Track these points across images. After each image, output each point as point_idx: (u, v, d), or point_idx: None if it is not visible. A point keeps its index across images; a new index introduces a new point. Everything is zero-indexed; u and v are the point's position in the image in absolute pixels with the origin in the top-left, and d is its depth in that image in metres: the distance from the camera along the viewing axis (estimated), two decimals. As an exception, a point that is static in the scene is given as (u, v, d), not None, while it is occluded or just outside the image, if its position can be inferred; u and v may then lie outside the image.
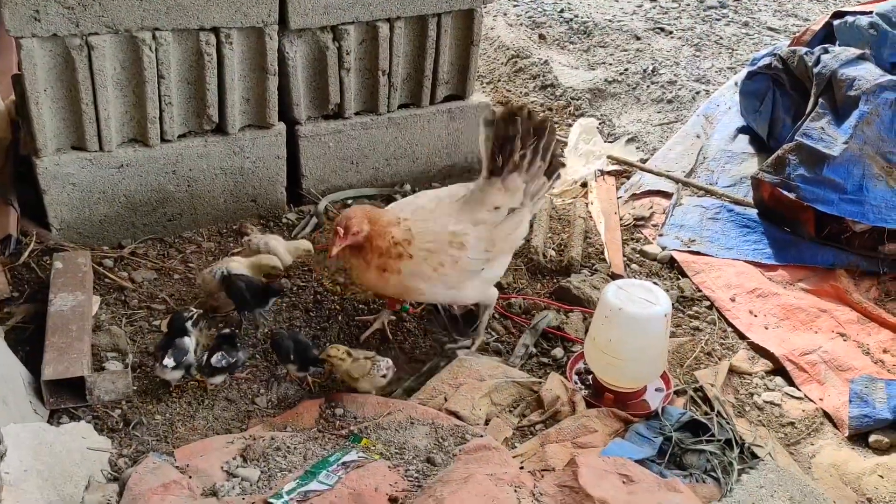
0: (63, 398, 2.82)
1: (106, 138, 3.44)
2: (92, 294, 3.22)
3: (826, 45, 4.01)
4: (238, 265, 3.26)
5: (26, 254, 3.38)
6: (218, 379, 2.96)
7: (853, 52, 3.85)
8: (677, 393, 3.17)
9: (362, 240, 2.94)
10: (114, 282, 3.40)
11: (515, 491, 2.41)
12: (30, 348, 3.05)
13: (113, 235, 3.65)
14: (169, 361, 2.86)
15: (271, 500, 2.36)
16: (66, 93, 3.33)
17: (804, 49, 4.03)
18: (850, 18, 4.11)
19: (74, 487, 2.45)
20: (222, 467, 2.55)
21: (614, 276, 3.72)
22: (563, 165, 3.39)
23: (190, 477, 2.49)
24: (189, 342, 2.95)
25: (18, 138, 3.94)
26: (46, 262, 3.37)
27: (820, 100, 3.82)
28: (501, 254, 3.23)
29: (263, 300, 3.25)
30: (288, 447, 2.65)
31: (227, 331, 3.07)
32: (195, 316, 3.01)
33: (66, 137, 3.43)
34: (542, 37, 5.96)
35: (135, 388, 2.95)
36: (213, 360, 2.91)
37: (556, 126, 3.25)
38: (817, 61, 3.88)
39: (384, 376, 2.95)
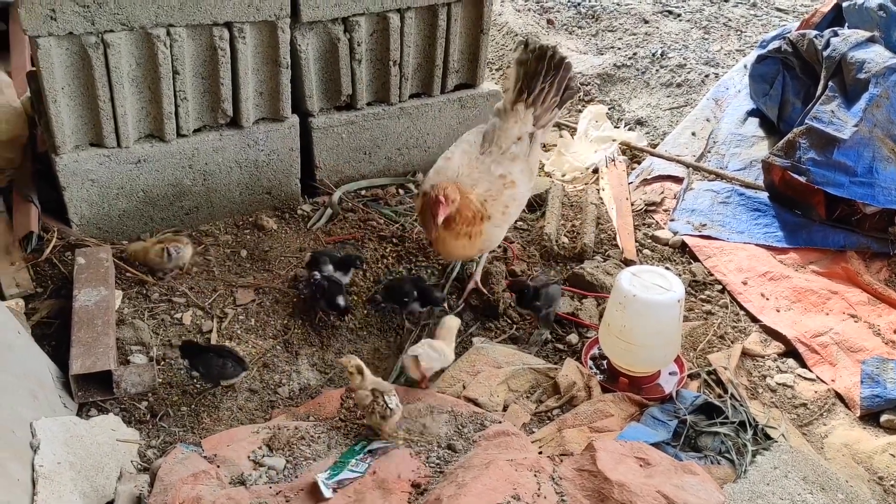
0: (91, 392, 2.89)
1: (123, 134, 3.49)
2: (114, 288, 3.28)
3: (835, 28, 4.02)
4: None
5: (48, 250, 3.44)
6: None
7: (862, 34, 3.86)
8: (691, 376, 3.22)
9: (454, 210, 3.13)
10: (134, 276, 3.46)
11: (535, 475, 2.47)
12: (55, 343, 3.12)
13: (132, 230, 3.70)
14: (317, 274, 3.33)
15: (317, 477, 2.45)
16: (83, 90, 3.38)
17: (814, 32, 4.04)
18: (858, 0, 4.11)
19: (106, 479, 2.52)
20: (249, 456, 2.62)
21: (627, 262, 3.76)
22: (572, 98, 3.67)
23: (218, 466, 2.55)
24: (340, 277, 3.35)
25: (35, 135, 3.99)
26: (68, 258, 3.43)
27: (830, 83, 3.83)
28: (534, 180, 3.52)
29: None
30: (312, 436, 2.71)
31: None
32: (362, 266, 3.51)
33: (83, 134, 3.48)
34: (550, 22, 5.96)
35: (160, 380, 3.02)
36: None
37: (572, 63, 3.60)
38: (827, 44, 3.89)
39: None
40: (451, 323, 3.12)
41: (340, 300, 3.28)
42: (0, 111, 4.00)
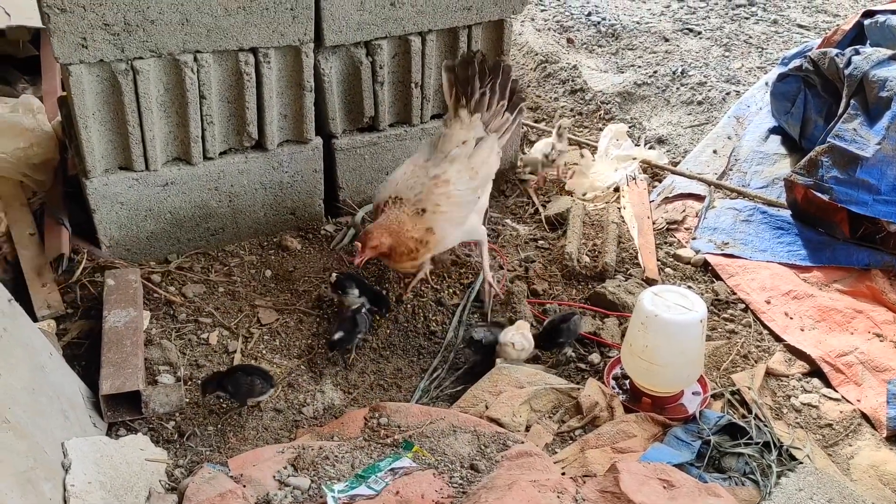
0: (120, 411, 2.95)
1: (151, 158, 3.56)
2: (142, 309, 3.34)
3: (857, 47, 4.01)
4: None
5: (79, 272, 3.50)
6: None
7: (885, 52, 3.84)
8: (714, 396, 3.21)
9: (386, 249, 3.26)
10: (161, 296, 3.52)
11: (558, 497, 2.47)
12: (85, 363, 3.19)
13: (159, 251, 3.77)
14: (354, 291, 3.44)
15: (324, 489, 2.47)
16: (113, 116, 3.45)
17: (835, 51, 4.03)
18: (880, 18, 4.11)
19: (135, 498, 2.55)
20: (274, 476, 2.64)
21: (649, 281, 3.76)
22: (524, 100, 3.74)
23: (244, 486, 2.58)
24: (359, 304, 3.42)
25: (66, 158, 4.08)
26: (98, 279, 3.50)
27: (852, 101, 3.82)
28: (486, 180, 3.55)
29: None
30: (336, 456, 2.74)
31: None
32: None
33: (113, 158, 3.55)
34: (570, 41, 6.00)
35: (187, 400, 3.07)
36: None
37: (512, 66, 3.75)
38: (848, 63, 3.88)
39: None
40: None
41: (337, 334, 3.29)
42: (32, 135, 4.10)
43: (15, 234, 3.67)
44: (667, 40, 5.87)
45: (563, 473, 2.75)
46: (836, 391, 3.30)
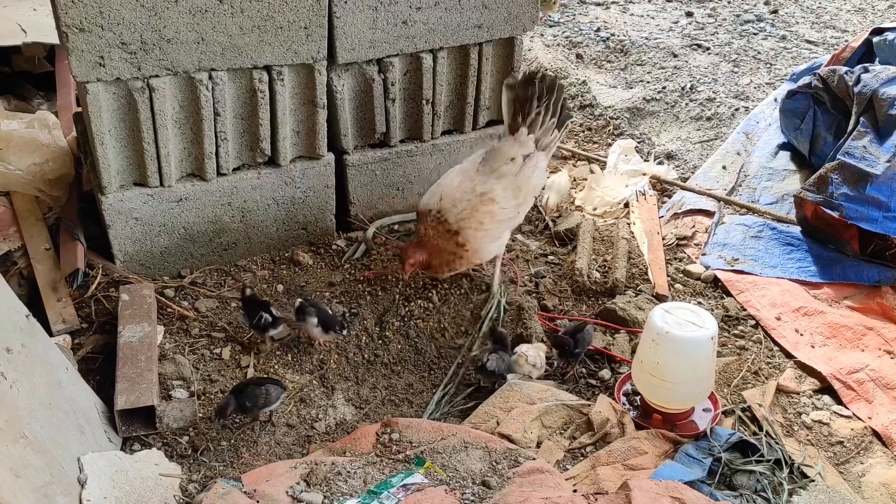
0: (134, 426, 2.97)
1: (166, 174, 3.60)
2: (156, 324, 3.36)
3: (866, 65, 4.04)
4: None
5: (93, 287, 3.54)
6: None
7: (894, 70, 3.87)
8: (725, 413, 3.22)
9: (424, 264, 3.48)
10: (175, 311, 3.55)
11: (570, 514, 2.49)
12: (100, 377, 3.21)
13: (172, 266, 3.80)
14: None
15: None
16: (129, 133, 3.49)
17: (844, 68, 4.06)
18: (889, 35, 4.14)
19: (150, 513, 2.58)
20: (287, 492, 2.66)
21: (659, 297, 3.77)
22: (571, 118, 3.84)
23: (258, 501, 2.60)
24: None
25: (80, 174, 4.13)
26: (112, 294, 3.53)
27: (861, 118, 3.84)
28: (528, 197, 3.62)
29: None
30: (348, 472, 2.75)
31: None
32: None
33: (128, 175, 3.59)
34: (579, 56, 6.04)
35: (200, 414, 3.09)
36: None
37: (564, 85, 3.85)
38: (857, 80, 3.91)
39: None
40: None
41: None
42: (48, 151, 4.15)
43: (30, 249, 3.71)
44: (675, 56, 5.91)
45: (575, 490, 2.76)
46: (847, 408, 3.30)
